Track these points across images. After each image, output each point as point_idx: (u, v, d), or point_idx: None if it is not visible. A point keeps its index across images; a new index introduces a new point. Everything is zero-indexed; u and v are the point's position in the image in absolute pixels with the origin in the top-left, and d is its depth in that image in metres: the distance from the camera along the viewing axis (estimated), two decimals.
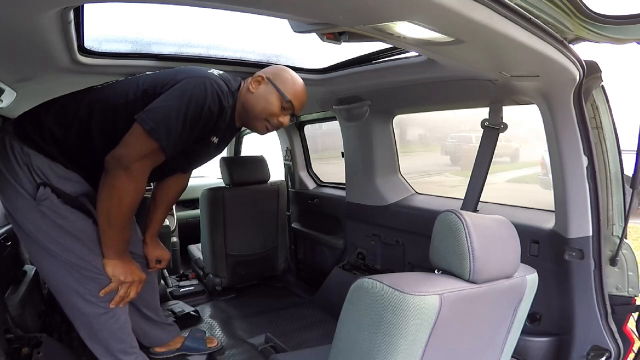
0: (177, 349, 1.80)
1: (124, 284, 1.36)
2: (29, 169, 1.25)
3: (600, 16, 1.08)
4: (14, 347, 1.32)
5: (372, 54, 1.69)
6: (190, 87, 1.23)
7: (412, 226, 1.99)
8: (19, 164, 1.26)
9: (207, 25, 1.48)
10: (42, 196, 1.24)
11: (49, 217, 1.26)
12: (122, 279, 1.34)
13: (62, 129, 1.28)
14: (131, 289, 1.38)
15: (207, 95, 1.24)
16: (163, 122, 1.20)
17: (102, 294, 1.33)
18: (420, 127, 9.63)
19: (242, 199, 2.53)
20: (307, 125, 2.86)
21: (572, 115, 1.28)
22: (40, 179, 1.26)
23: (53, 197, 1.26)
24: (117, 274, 1.33)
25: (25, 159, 1.26)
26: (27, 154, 1.26)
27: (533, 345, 1.42)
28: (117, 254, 1.33)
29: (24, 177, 1.25)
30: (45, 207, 1.25)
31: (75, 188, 1.31)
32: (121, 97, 1.30)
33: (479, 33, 0.87)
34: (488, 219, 0.93)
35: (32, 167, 1.26)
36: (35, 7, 0.85)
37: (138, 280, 1.39)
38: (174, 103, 1.21)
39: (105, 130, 1.29)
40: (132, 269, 1.37)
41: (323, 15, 0.89)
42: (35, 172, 1.26)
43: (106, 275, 1.33)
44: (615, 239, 1.35)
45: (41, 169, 1.26)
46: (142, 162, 1.22)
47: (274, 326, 2.17)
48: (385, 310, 0.78)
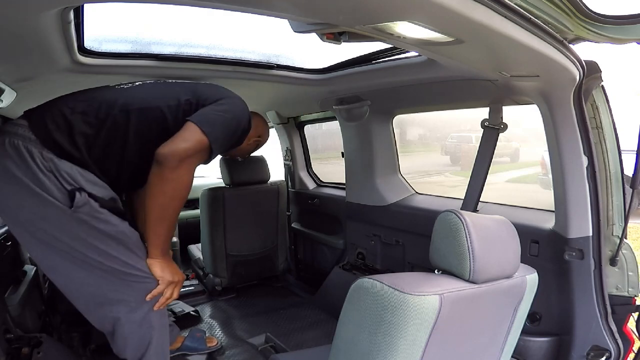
0: (177, 349, 1.80)
1: (170, 285, 1.34)
2: (55, 175, 1.17)
3: (600, 16, 1.08)
4: (14, 347, 1.32)
5: (372, 54, 1.69)
6: (235, 107, 1.40)
7: (412, 226, 1.99)
8: (43, 171, 1.16)
9: (207, 25, 1.48)
10: (80, 202, 1.17)
11: (88, 223, 1.19)
12: (170, 279, 1.33)
13: (92, 129, 1.23)
14: (175, 290, 1.37)
15: (245, 116, 1.42)
16: (215, 128, 1.28)
17: (149, 298, 1.30)
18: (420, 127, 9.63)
19: (242, 199, 2.53)
20: (307, 125, 2.86)
21: (572, 115, 1.28)
22: (71, 185, 1.18)
23: (91, 201, 1.20)
24: (165, 274, 1.32)
25: (49, 165, 1.17)
26: (49, 160, 1.17)
27: (533, 345, 1.42)
28: (163, 252, 1.33)
29: (51, 185, 1.16)
30: (83, 213, 1.18)
31: (105, 193, 1.26)
32: (161, 100, 1.31)
33: (479, 33, 0.87)
34: (488, 219, 0.93)
35: (60, 173, 1.17)
36: (35, 7, 0.85)
37: (182, 280, 1.39)
38: (224, 115, 1.33)
39: (140, 132, 1.28)
40: (175, 269, 1.37)
41: (323, 15, 0.89)
42: (64, 178, 1.18)
43: (152, 278, 1.31)
44: (615, 239, 1.35)
45: (70, 175, 1.19)
46: (195, 157, 1.27)
47: (274, 326, 2.17)
48: (385, 310, 0.78)
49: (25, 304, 1.61)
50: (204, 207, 2.48)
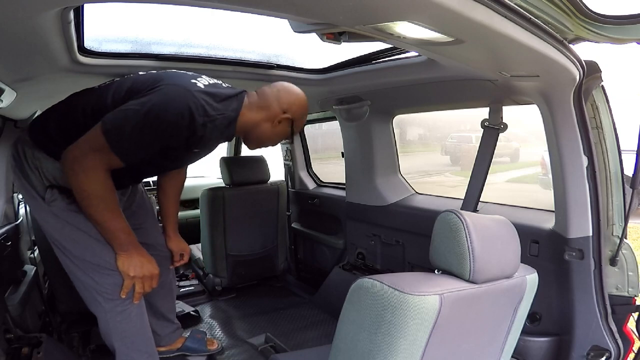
0: (178, 349, 1.80)
1: (137, 280, 1.33)
2: (39, 172, 1.31)
3: (600, 16, 1.08)
4: (14, 347, 1.33)
5: (372, 54, 1.69)
6: (158, 97, 1.19)
7: (412, 226, 1.99)
8: (31, 168, 1.31)
9: (207, 25, 1.48)
10: (51, 198, 1.30)
11: (60, 217, 1.30)
12: (131, 274, 1.31)
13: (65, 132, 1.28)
14: (145, 283, 1.36)
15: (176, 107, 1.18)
16: (119, 127, 1.18)
17: (122, 295, 1.33)
18: (420, 127, 9.64)
19: (242, 199, 2.53)
20: (307, 125, 2.86)
21: (572, 115, 1.28)
22: (49, 181, 1.31)
23: (61, 197, 1.30)
24: (126, 268, 1.31)
25: (36, 162, 1.31)
26: (37, 158, 1.30)
27: (533, 345, 1.42)
28: (122, 246, 1.31)
29: (35, 180, 1.31)
30: (55, 207, 1.30)
31: None
32: (110, 97, 1.28)
33: (479, 33, 0.87)
34: (488, 219, 0.93)
35: (42, 170, 1.31)
36: (35, 7, 0.85)
37: (149, 275, 1.35)
38: (136, 109, 1.18)
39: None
40: (142, 263, 1.34)
41: (323, 15, 0.89)
42: (45, 175, 1.31)
43: (118, 271, 1.31)
44: (615, 239, 1.35)
45: (51, 172, 1.30)
46: (84, 158, 1.17)
47: (274, 326, 2.17)
48: (385, 310, 0.78)
49: (25, 304, 1.61)
50: (204, 207, 2.48)
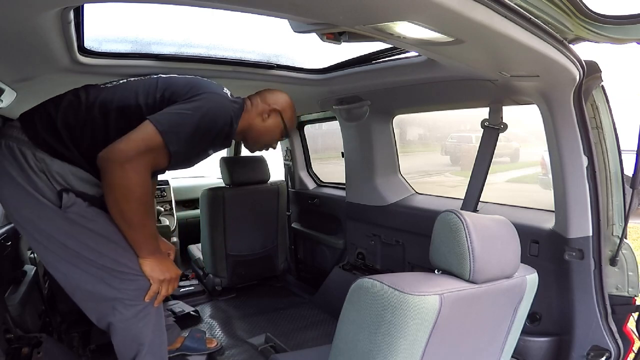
0: (177, 349, 1.80)
1: (163, 282, 1.32)
2: (46, 176, 1.20)
3: (600, 16, 1.08)
4: (14, 347, 1.32)
5: (372, 54, 1.69)
6: (208, 104, 1.27)
7: (412, 226, 1.99)
8: (35, 171, 1.19)
9: (207, 25, 1.48)
10: (68, 202, 1.20)
11: (77, 222, 1.22)
12: (161, 277, 1.30)
13: (76, 130, 1.24)
14: (170, 286, 1.35)
15: (223, 115, 1.30)
16: (176, 128, 1.20)
17: (147, 299, 1.30)
18: (420, 127, 9.64)
19: (242, 199, 2.53)
20: (307, 125, 2.86)
21: (572, 115, 1.28)
22: (61, 185, 1.21)
23: (79, 201, 1.22)
24: (155, 273, 1.30)
25: (41, 165, 1.20)
26: (41, 160, 1.20)
27: (533, 345, 1.42)
28: (150, 251, 1.29)
29: (43, 185, 1.20)
30: (72, 213, 1.21)
31: (96, 191, 1.26)
32: (141, 97, 1.28)
33: (479, 33, 0.87)
34: (488, 219, 0.93)
35: (51, 174, 1.20)
36: (35, 7, 0.85)
37: (175, 277, 1.36)
38: (191, 114, 1.23)
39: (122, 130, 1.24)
40: (167, 266, 1.34)
41: (323, 15, 0.89)
42: (55, 178, 1.21)
43: (144, 276, 1.29)
44: (615, 239, 1.35)
45: (61, 174, 1.21)
46: (139, 157, 1.16)
47: (274, 326, 2.17)
48: (385, 310, 0.78)
49: (25, 304, 1.61)
50: (204, 207, 2.48)
